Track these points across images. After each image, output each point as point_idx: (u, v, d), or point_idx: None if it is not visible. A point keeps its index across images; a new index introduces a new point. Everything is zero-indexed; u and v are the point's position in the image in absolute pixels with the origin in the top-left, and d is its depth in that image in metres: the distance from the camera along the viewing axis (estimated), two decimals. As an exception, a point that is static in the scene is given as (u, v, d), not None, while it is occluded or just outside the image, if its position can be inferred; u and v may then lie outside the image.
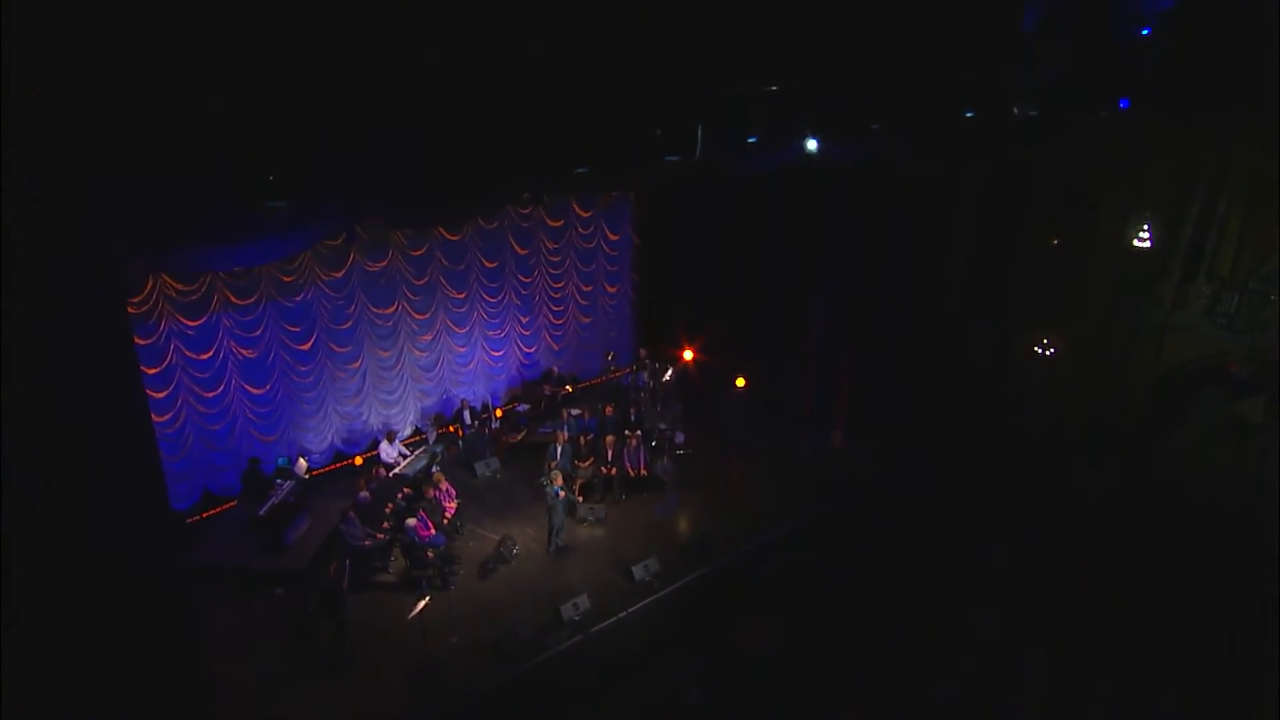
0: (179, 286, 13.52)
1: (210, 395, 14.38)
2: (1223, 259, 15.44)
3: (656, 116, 9.50)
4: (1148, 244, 15.26)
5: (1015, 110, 12.04)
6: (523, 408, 18.07)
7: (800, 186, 16.28)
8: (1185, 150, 15.04)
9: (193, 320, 13.89)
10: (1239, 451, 15.57)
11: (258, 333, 14.64)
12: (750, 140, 10.71)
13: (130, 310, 12.38)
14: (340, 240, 15.01)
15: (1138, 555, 14.69)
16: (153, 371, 13.51)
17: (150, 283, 13.25)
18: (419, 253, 16.40)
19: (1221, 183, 15.02)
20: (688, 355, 19.02)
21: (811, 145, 11.47)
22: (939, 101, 11.90)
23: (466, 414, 17.06)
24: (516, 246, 18.02)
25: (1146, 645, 12.86)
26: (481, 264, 17.51)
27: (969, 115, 12.11)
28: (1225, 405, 15.69)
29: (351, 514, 12.95)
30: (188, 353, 13.95)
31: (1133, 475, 16.37)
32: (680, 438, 17.05)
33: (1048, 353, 16.83)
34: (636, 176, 10.78)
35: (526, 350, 19.03)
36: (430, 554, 12.78)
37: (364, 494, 13.40)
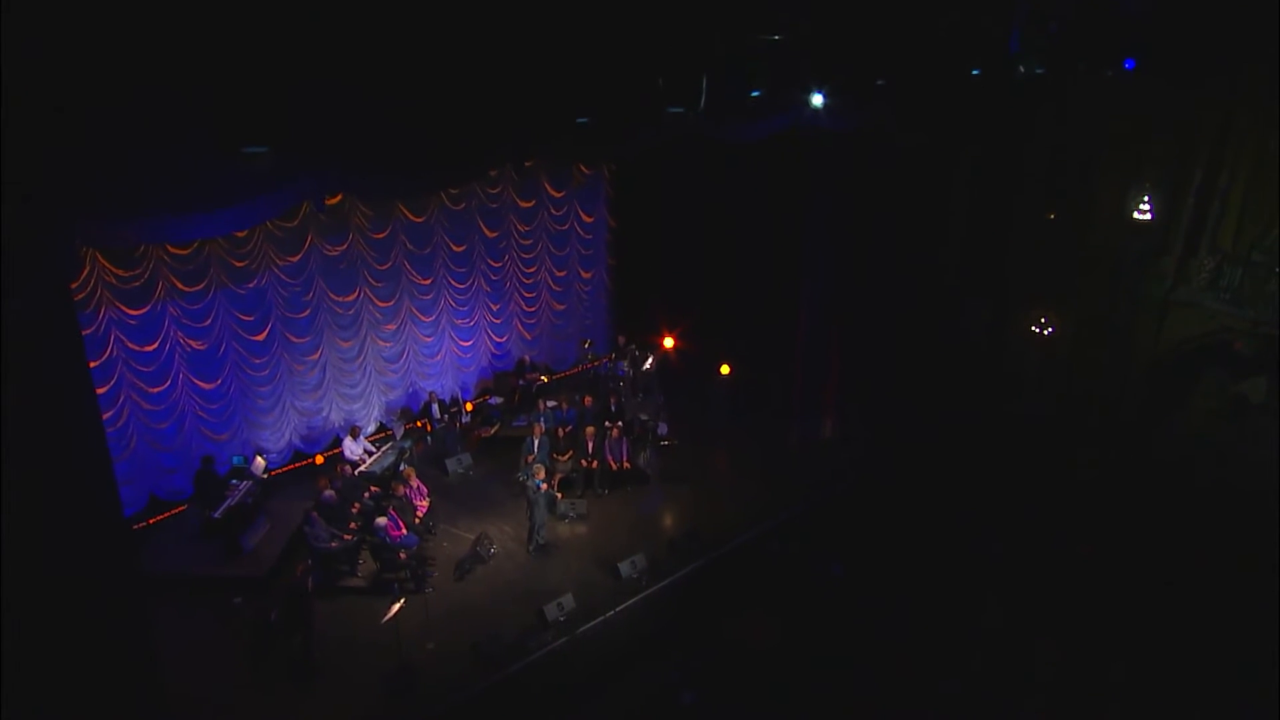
0: (119, 272, 13.00)
1: (156, 390, 13.88)
2: (1225, 231, 15.61)
3: (659, 66, 9.31)
4: (1148, 217, 15.38)
5: (1021, 69, 12.04)
6: (495, 400, 17.83)
7: (787, 160, 16.21)
8: (1186, 118, 15.17)
9: (135, 309, 13.36)
10: (1242, 432, 15.76)
11: (207, 322, 14.18)
12: (754, 94, 10.56)
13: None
14: (297, 221, 14.63)
15: (1140, 540, 14.81)
16: (91, 365, 12.95)
17: (87, 267, 12.73)
18: (381, 235, 16.03)
19: (1223, 152, 15.19)
20: (668, 342, 18.93)
21: (817, 100, 11.35)
22: (945, 56, 11.85)
23: (435, 407, 16.74)
24: (485, 229, 17.73)
25: (1154, 633, 12.97)
26: (449, 247, 17.20)
27: (975, 73, 12.09)
28: (1228, 384, 15.88)
29: (315, 514, 12.62)
30: (130, 344, 13.44)
31: (1134, 458, 16.52)
32: (663, 429, 16.91)
33: (1045, 332, 16.94)
34: (634, 135, 10.56)
35: (497, 340, 18.77)
36: (402, 555, 12.48)
37: (328, 493, 13.05)
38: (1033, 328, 17.12)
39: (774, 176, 16.91)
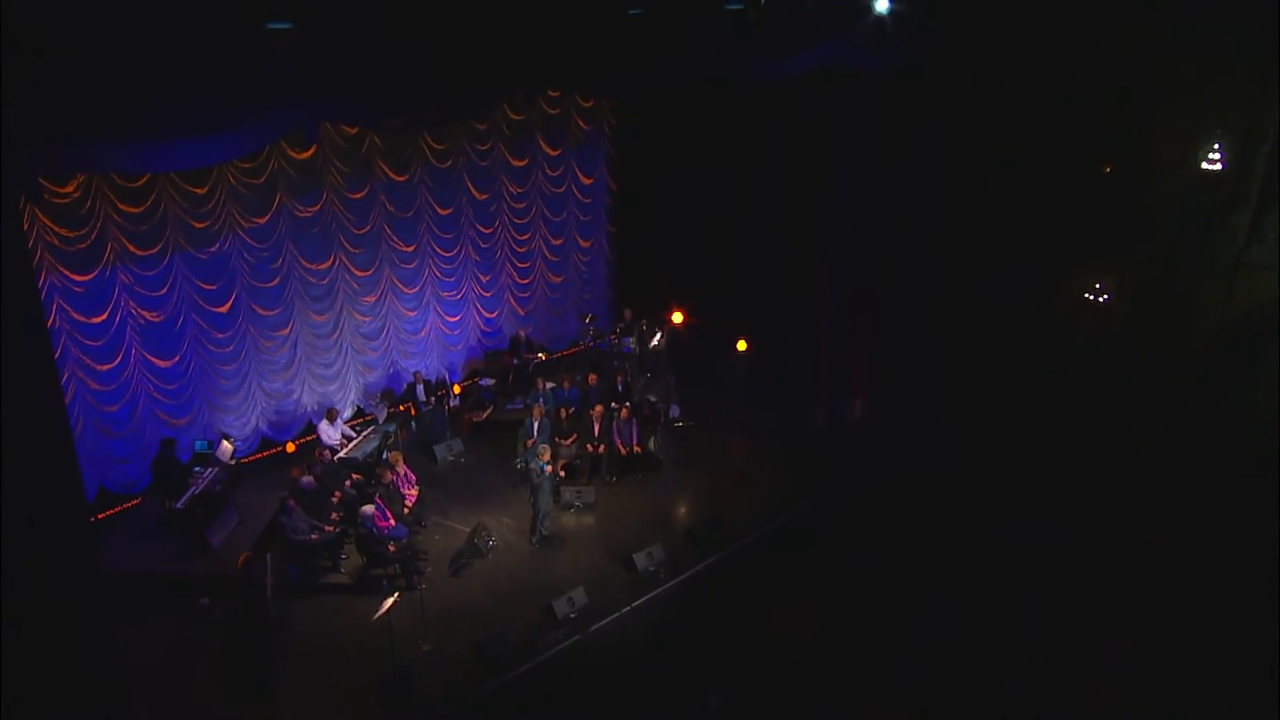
0: (62, 231, 12.57)
1: (105, 368, 13.49)
2: (1307, 182, 15.44)
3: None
4: (1218, 167, 15.18)
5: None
6: (486, 381, 17.59)
7: (813, 111, 15.98)
8: (1263, 50, 14.83)
9: (81, 274, 12.95)
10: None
11: (163, 291, 13.85)
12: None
13: None
14: (264, 178, 14.30)
15: (1205, 529, 14.66)
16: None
17: (24, 223, 12.27)
18: (359, 195, 15.75)
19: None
20: (677, 317, 18.76)
21: (882, 5, 11.16)
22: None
23: (420, 389, 16.44)
24: (474, 190, 17.52)
25: (1226, 631, 12.81)
26: (433, 210, 16.97)
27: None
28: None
29: (292, 503, 12.35)
30: (75, 314, 13.02)
31: (1198, 438, 16.35)
32: (675, 410, 16.76)
33: (1100, 299, 16.75)
34: (683, 48, 10.28)
35: (487, 315, 18.59)
36: (391, 548, 12.21)
37: (307, 478, 12.80)
38: (1085, 295, 16.92)
39: (797, 130, 16.68)
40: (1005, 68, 15.14)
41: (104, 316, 13.28)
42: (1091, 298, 16.84)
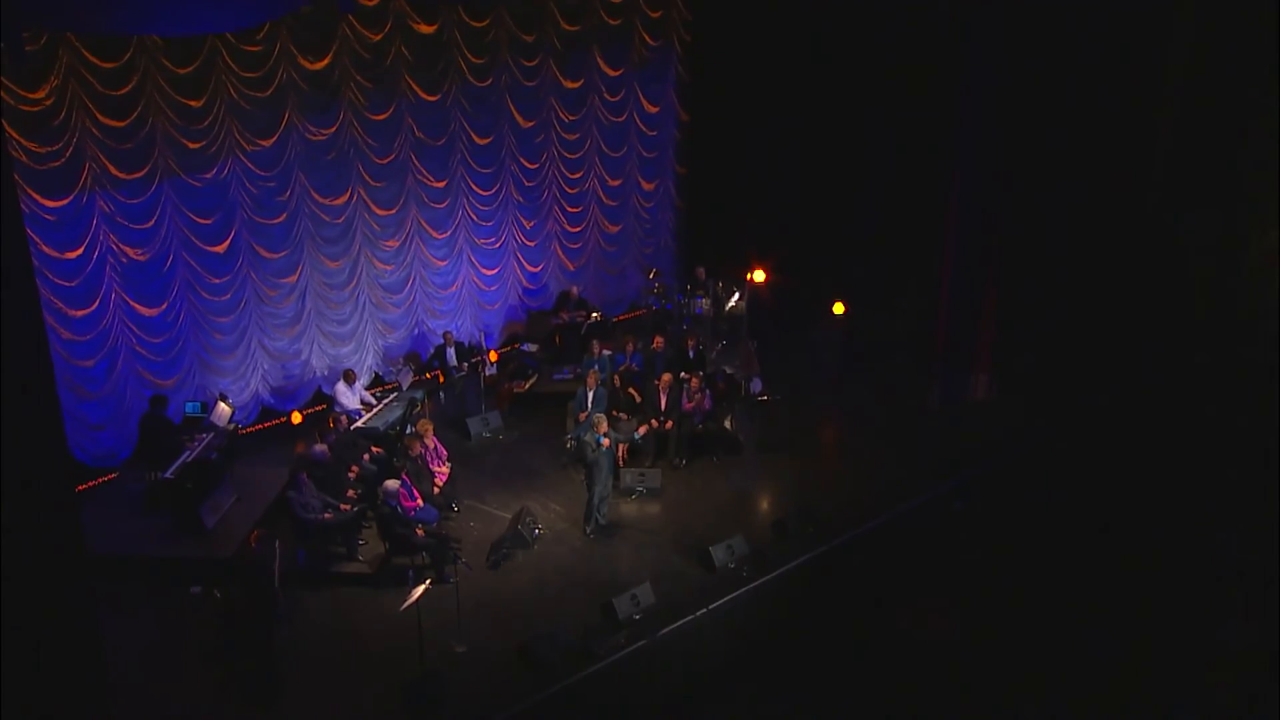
0: (32, 146, 12.66)
1: (79, 314, 13.61)
2: None
3: None
4: None
5: None
6: (528, 347, 17.64)
7: (931, 15, 15.76)
8: None
9: (53, 199, 13.05)
10: None
11: (150, 224, 14.01)
12: None
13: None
14: (271, 90, 14.34)
15: None
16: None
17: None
18: (382, 117, 15.82)
19: None
20: (759, 275, 18.49)
21: None
22: None
23: (451, 352, 16.43)
24: (519, 116, 17.54)
25: None
26: (469, 139, 17.02)
27: None
28: None
29: (304, 476, 12.36)
30: (45, 248, 13.09)
31: None
32: (757, 385, 16.56)
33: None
34: None
35: (530, 269, 18.66)
36: (420, 532, 12.15)
37: (320, 448, 12.82)
38: (1282, 247, 16.21)
39: (915, 43, 16.38)
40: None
41: (79, 252, 13.41)
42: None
